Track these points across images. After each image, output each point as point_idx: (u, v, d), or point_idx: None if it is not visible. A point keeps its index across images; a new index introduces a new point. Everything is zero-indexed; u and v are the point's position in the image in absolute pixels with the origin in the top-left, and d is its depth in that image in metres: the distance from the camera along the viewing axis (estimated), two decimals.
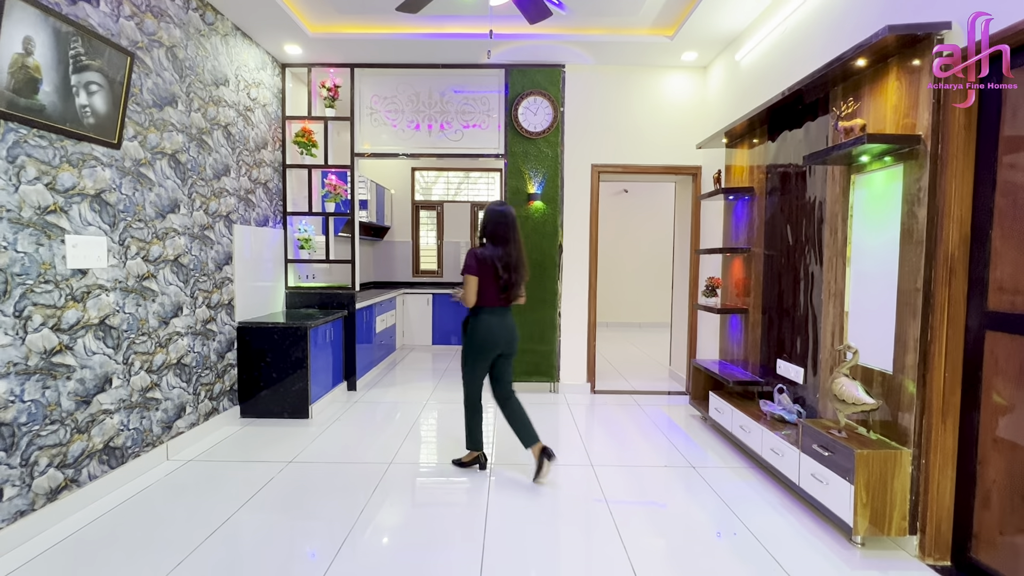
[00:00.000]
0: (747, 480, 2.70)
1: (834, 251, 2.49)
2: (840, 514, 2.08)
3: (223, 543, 2.05)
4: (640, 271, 8.38)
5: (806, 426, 2.33)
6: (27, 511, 2.02)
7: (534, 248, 4.32)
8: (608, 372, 5.10)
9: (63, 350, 2.17)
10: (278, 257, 4.15)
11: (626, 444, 3.22)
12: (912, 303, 2.02)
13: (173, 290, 2.88)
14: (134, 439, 2.59)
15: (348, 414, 3.72)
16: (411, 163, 7.01)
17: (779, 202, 3.05)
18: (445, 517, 2.30)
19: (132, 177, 2.56)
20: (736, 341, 3.58)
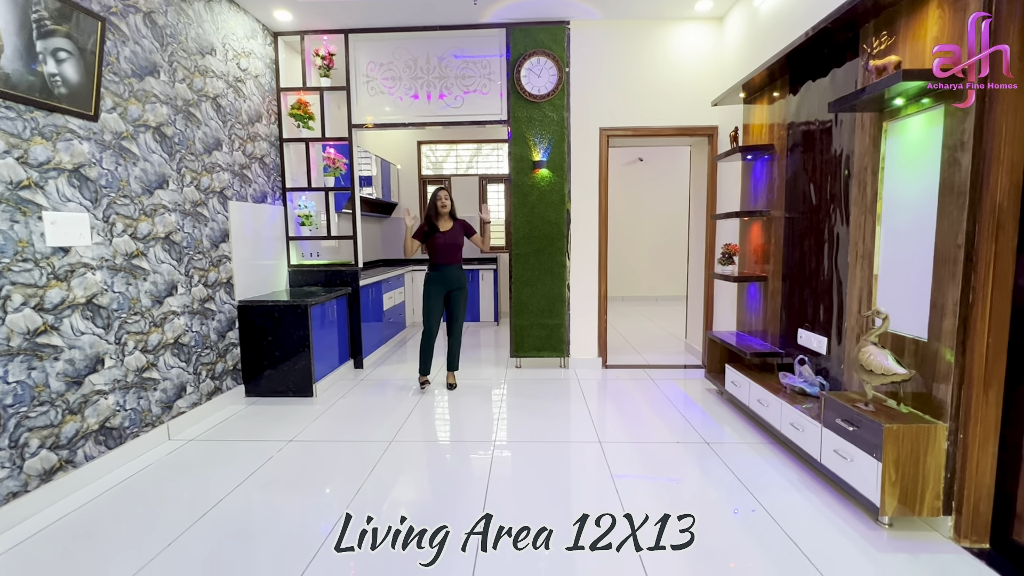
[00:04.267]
0: (764, 456, 2.55)
1: (863, 208, 2.26)
2: (866, 493, 1.92)
3: (223, 518, 2.00)
4: (655, 243, 8.12)
5: (829, 399, 2.15)
6: (20, 492, 2.00)
7: (540, 219, 4.14)
8: (621, 346, 4.95)
9: (48, 330, 2.12)
10: (279, 234, 4.07)
11: (638, 420, 3.09)
12: (951, 262, 1.80)
13: (166, 268, 2.81)
14: (132, 419, 2.56)
15: (354, 392, 3.66)
16: (416, 137, 6.83)
17: (801, 159, 2.80)
18: (447, 500, 2.21)
19: (114, 151, 2.46)
20: (754, 311, 3.38)
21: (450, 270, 3.63)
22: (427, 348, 3.72)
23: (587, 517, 2.00)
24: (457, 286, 3.66)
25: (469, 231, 3.71)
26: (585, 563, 1.75)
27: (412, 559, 1.76)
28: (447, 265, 3.63)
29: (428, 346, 3.72)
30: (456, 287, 3.67)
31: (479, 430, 2.94)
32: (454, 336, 3.76)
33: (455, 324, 3.73)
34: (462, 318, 3.73)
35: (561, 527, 1.95)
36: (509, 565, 1.73)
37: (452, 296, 3.68)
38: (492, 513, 2.03)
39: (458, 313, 3.70)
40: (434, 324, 3.69)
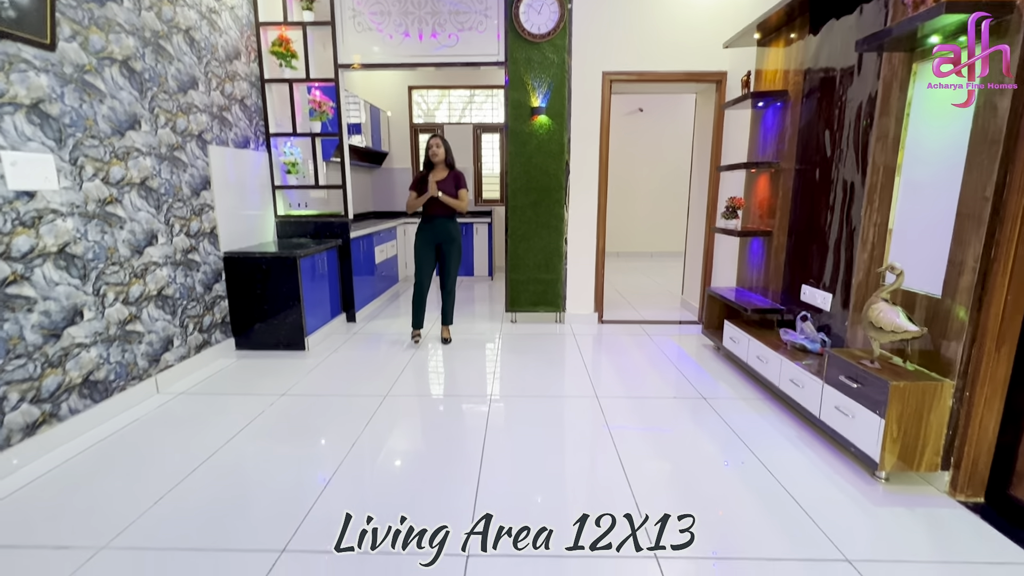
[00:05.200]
0: (761, 412, 2.54)
1: (882, 158, 2.14)
2: (865, 448, 1.92)
3: (217, 470, 1.97)
4: (654, 198, 7.95)
5: (832, 356, 2.12)
6: (2, 447, 1.93)
7: (538, 169, 3.97)
8: (617, 302, 4.91)
9: (18, 280, 1.99)
10: (264, 183, 3.87)
11: (633, 375, 3.07)
12: (977, 215, 1.71)
13: (143, 216, 2.65)
14: (117, 373, 2.48)
15: (346, 346, 3.60)
16: (407, 81, 6.47)
17: (817, 107, 2.65)
18: (442, 454, 2.19)
19: (76, 86, 2.25)
20: (756, 267, 3.31)
21: (441, 222, 3.49)
22: (419, 301, 3.64)
23: (584, 472, 1.99)
24: (447, 238, 3.53)
25: (460, 183, 3.50)
26: (586, 534, 1.74)
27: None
28: (438, 217, 3.48)
29: (420, 299, 3.64)
30: (446, 239, 3.53)
31: (475, 384, 2.90)
32: (447, 290, 3.66)
33: (448, 278, 3.62)
34: (455, 272, 3.62)
35: (557, 485, 1.94)
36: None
37: (444, 249, 3.56)
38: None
39: (450, 267, 3.59)
40: (425, 277, 3.60)
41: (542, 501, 1.82)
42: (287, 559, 1.52)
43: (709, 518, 1.72)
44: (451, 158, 3.48)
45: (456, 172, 3.49)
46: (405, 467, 2.08)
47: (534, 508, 1.77)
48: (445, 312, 3.71)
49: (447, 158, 3.45)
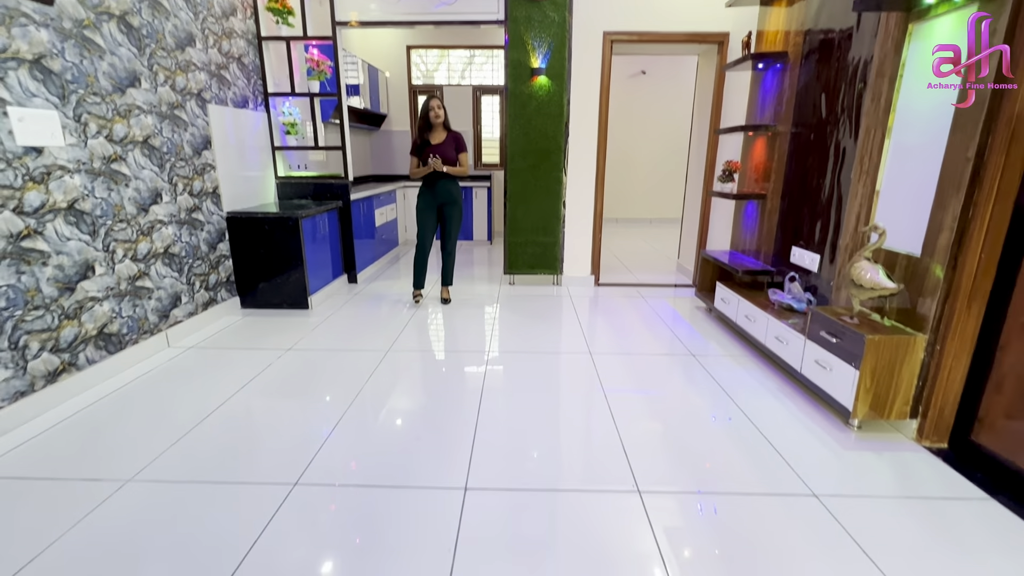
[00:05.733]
0: (747, 368, 2.66)
1: (874, 120, 2.18)
2: (840, 399, 2.04)
3: (227, 418, 2.09)
4: (653, 165, 7.91)
5: (816, 313, 2.21)
6: (27, 392, 2.05)
7: (537, 132, 3.97)
8: (614, 266, 4.99)
9: (32, 234, 2.06)
10: (263, 144, 3.88)
11: (627, 334, 3.18)
12: (958, 176, 1.77)
13: (147, 175, 2.69)
14: (129, 326, 2.58)
15: (348, 305, 3.70)
16: (406, 40, 6.34)
17: (815, 69, 2.66)
18: (443, 402, 2.31)
19: (76, 42, 2.26)
20: (750, 230, 3.38)
21: (441, 184, 3.53)
22: (420, 262, 3.71)
23: (577, 424, 2.12)
24: (448, 200, 3.57)
25: (460, 146, 3.52)
26: (573, 463, 1.87)
27: (413, 446, 1.87)
28: (439, 179, 3.52)
29: (421, 260, 3.71)
30: (447, 201, 3.58)
31: (473, 341, 3.02)
32: (447, 252, 3.73)
33: (448, 240, 3.68)
34: (456, 233, 3.68)
35: (551, 434, 2.07)
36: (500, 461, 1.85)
37: (445, 211, 3.61)
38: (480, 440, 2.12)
39: (451, 228, 3.65)
40: (427, 238, 3.66)
41: (536, 449, 1.95)
42: (300, 491, 1.65)
43: (691, 461, 1.85)
44: (448, 120, 3.49)
45: (455, 134, 3.50)
46: (405, 418, 2.20)
47: (529, 454, 1.90)
48: (445, 273, 3.79)
49: (446, 120, 3.46)
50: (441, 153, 3.43)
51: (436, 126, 3.46)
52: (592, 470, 1.79)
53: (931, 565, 1.38)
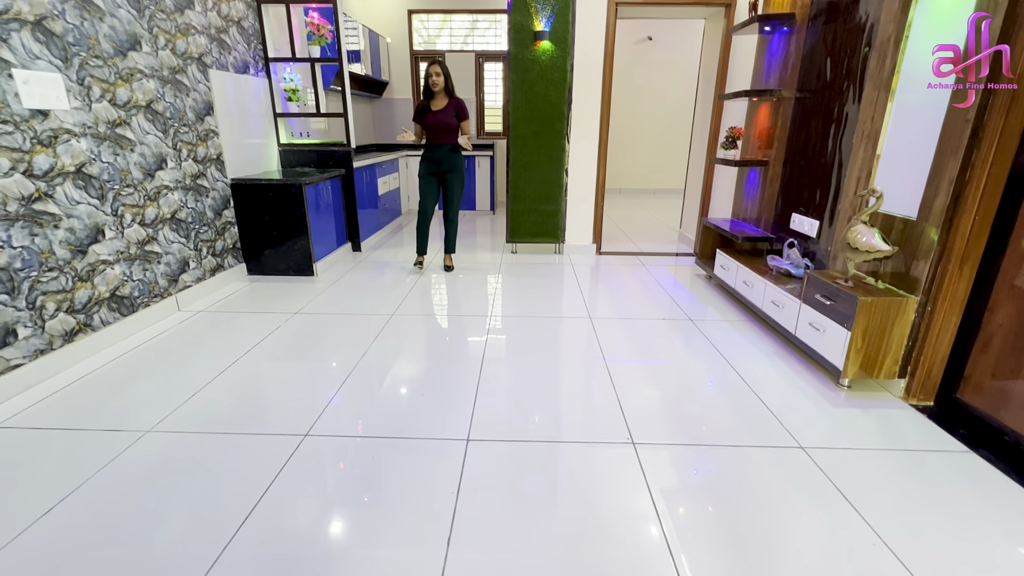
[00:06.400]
0: (743, 332, 2.72)
1: (878, 83, 2.16)
2: (832, 359, 2.10)
3: (237, 377, 2.18)
4: (659, 135, 7.81)
5: (811, 276, 2.25)
6: (46, 350, 2.13)
7: (540, 98, 3.93)
8: (616, 235, 5.00)
9: (43, 197, 2.10)
10: (265, 111, 3.87)
11: (627, 300, 3.23)
12: (957, 137, 1.78)
13: (152, 140, 2.71)
14: (140, 290, 2.65)
15: (353, 272, 3.76)
16: (407, 4, 6.20)
17: (822, 32, 2.62)
18: (446, 364, 2.39)
19: (76, 2, 2.25)
20: (751, 197, 3.38)
21: (441, 151, 3.53)
22: (421, 229, 3.75)
23: (576, 383, 2.19)
24: (449, 167, 3.58)
25: (462, 113, 3.50)
26: (572, 419, 1.95)
27: (418, 405, 1.95)
28: (438, 146, 3.52)
29: (422, 227, 3.75)
30: (448, 168, 3.58)
31: (476, 306, 3.08)
32: (449, 219, 3.76)
33: (450, 207, 3.71)
34: (457, 201, 3.70)
35: (550, 394, 2.14)
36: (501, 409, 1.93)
37: (447, 178, 3.62)
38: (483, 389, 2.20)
39: (452, 196, 3.66)
40: (428, 205, 3.69)
41: (537, 406, 2.02)
42: (309, 442, 1.73)
43: (686, 419, 1.93)
44: (451, 85, 3.46)
45: (457, 100, 3.48)
46: (410, 377, 2.28)
47: (529, 410, 1.98)
48: (448, 240, 3.83)
49: (447, 85, 3.43)
50: (441, 120, 3.42)
51: (437, 93, 3.44)
52: (590, 426, 1.87)
53: (912, 511, 1.46)
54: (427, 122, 3.46)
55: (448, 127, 3.45)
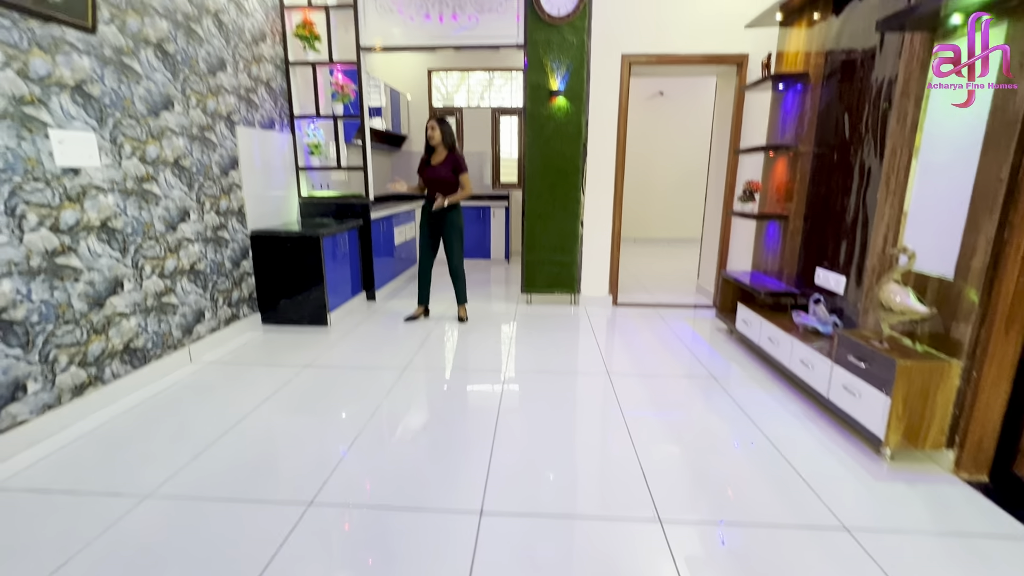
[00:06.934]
0: (771, 392, 2.59)
1: (900, 140, 2.14)
2: (870, 426, 1.96)
3: (246, 435, 2.10)
4: (671, 184, 7.89)
5: (843, 336, 2.15)
6: (54, 404, 2.10)
7: (555, 153, 4.00)
8: (632, 286, 4.94)
9: (66, 251, 2.13)
10: (288, 164, 3.99)
11: (646, 354, 3.13)
12: (991, 197, 1.72)
13: (177, 194, 2.78)
14: (154, 341, 2.64)
15: (367, 322, 3.73)
16: (427, 64, 6.50)
17: (838, 89, 2.63)
18: (459, 422, 2.29)
19: (115, 68, 2.36)
20: (771, 251, 3.32)
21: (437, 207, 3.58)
22: (421, 279, 3.79)
23: (595, 448, 2.07)
24: (444, 222, 3.60)
25: (459, 167, 3.49)
26: (591, 489, 1.83)
27: (430, 466, 1.85)
28: (434, 202, 3.57)
29: (422, 277, 3.79)
30: (446, 224, 3.60)
31: (490, 361, 3.00)
32: (453, 271, 3.75)
33: (451, 259, 3.70)
34: (458, 254, 3.68)
35: (568, 459, 2.02)
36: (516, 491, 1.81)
37: (443, 234, 3.64)
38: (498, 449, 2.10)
39: (451, 252, 3.67)
40: (425, 257, 3.73)
41: (554, 473, 1.91)
42: (314, 511, 1.64)
43: (714, 489, 1.79)
44: (450, 140, 3.49)
45: (454, 155, 3.51)
46: (421, 438, 2.18)
47: (546, 478, 1.87)
48: (458, 293, 3.80)
49: (444, 140, 3.48)
50: (438, 174, 3.49)
51: (436, 147, 3.51)
52: (611, 496, 1.74)
53: None
54: (426, 176, 3.55)
55: (444, 181, 3.49)
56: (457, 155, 3.52)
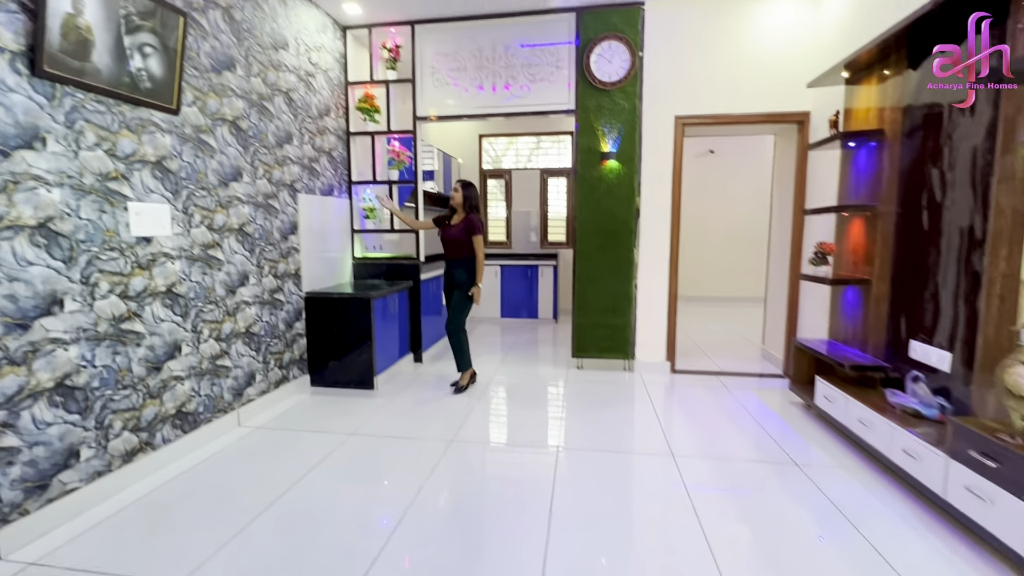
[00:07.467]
0: (868, 486, 2.23)
1: (1009, 202, 1.90)
2: (1010, 542, 1.60)
3: (290, 508, 2.00)
4: (726, 240, 7.61)
5: (959, 426, 1.83)
6: (104, 471, 2.08)
7: (607, 214, 3.93)
8: (690, 350, 4.64)
9: (132, 317, 2.19)
10: (344, 227, 4.12)
11: (713, 432, 2.83)
12: None
13: (239, 259, 2.87)
14: (206, 405, 2.64)
15: (412, 386, 3.64)
16: (478, 130, 6.76)
17: (922, 145, 2.43)
18: (508, 502, 2.09)
19: (193, 144, 2.52)
20: (851, 318, 3.01)
21: (450, 266, 3.57)
22: (454, 344, 3.59)
23: (661, 546, 1.81)
24: (455, 284, 3.56)
25: (473, 229, 3.44)
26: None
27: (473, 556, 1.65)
28: (448, 260, 3.58)
29: (453, 340, 3.59)
30: (455, 284, 3.57)
31: (539, 434, 2.80)
32: (448, 333, 3.56)
33: (449, 320, 3.54)
34: (457, 315, 3.52)
35: (630, 557, 1.77)
36: None
37: (454, 293, 3.57)
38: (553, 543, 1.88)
39: (452, 310, 3.54)
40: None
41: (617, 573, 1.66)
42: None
43: None
44: (471, 203, 3.52)
45: (470, 217, 3.49)
46: (470, 519, 2.00)
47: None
48: (455, 357, 3.59)
49: (465, 203, 3.51)
50: (451, 234, 3.51)
51: (456, 209, 3.54)
52: None
53: None
54: (442, 234, 3.58)
55: (456, 242, 3.49)
56: (474, 218, 3.50)
